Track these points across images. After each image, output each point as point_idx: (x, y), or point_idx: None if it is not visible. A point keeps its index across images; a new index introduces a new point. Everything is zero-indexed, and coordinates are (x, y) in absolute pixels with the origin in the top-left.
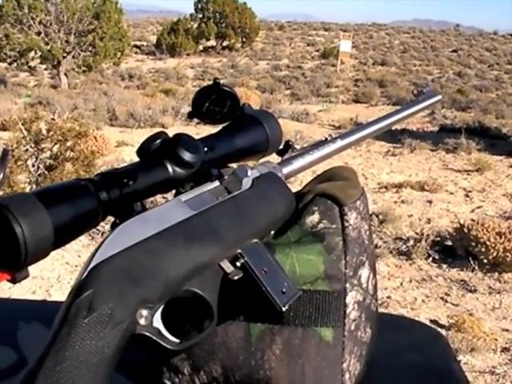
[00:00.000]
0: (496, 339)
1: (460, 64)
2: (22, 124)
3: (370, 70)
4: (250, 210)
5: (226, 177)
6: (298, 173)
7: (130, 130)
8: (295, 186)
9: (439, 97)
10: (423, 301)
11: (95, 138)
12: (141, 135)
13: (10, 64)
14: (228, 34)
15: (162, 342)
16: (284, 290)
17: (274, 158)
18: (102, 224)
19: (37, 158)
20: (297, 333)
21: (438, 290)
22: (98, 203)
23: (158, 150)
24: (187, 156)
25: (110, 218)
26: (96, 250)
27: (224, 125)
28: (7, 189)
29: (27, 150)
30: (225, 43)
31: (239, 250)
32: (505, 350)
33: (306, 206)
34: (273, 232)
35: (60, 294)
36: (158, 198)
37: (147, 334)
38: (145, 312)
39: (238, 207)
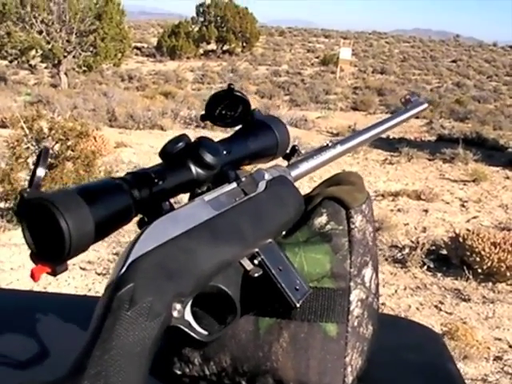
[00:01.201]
0: (489, 348)
1: (459, 74)
2: (24, 122)
3: (369, 78)
4: (266, 210)
5: (243, 179)
6: (304, 176)
7: (128, 131)
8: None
9: (426, 105)
10: (417, 308)
11: (94, 138)
12: (140, 137)
13: (10, 62)
14: (228, 39)
15: (193, 334)
16: (297, 287)
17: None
18: None
19: None
20: (303, 327)
21: (432, 298)
22: (132, 201)
23: (181, 152)
24: (209, 158)
25: None
26: (131, 247)
27: (236, 129)
28: (7, 185)
29: (28, 148)
30: (225, 47)
31: (256, 249)
32: (497, 358)
33: (314, 208)
34: (284, 233)
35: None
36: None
37: (180, 326)
38: (178, 305)
39: (255, 208)
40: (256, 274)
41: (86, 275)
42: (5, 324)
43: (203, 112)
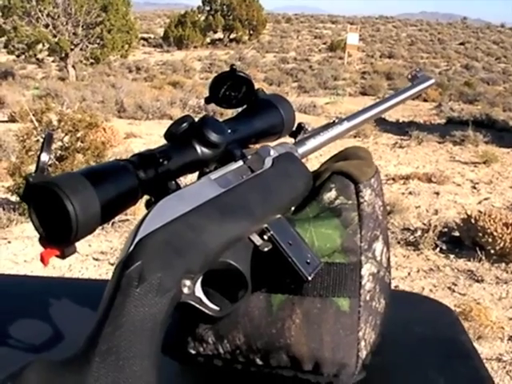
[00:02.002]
0: (503, 328)
1: (467, 57)
2: (33, 115)
3: (377, 63)
4: (273, 186)
5: (248, 156)
6: (311, 153)
7: (138, 121)
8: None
9: (433, 80)
10: (431, 290)
11: (104, 129)
12: (149, 127)
13: (17, 56)
14: (235, 27)
15: (204, 310)
16: (308, 260)
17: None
18: None
19: None
20: (315, 303)
21: (445, 279)
22: (138, 182)
23: (186, 132)
24: (214, 137)
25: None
26: (139, 226)
27: (241, 109)
28: (19, 179)
29: (38, 140)
30: (232, 36)
31: (265, 225)
32: (511, 338)
33: (323, 184)
34: (293, 208)
35: None
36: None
37: (191, 302)
38: (187, 282)
39: (263, 184)
40: (266, 249)
41: (99, 265)
42: (17, 309)
43: (207, 95)
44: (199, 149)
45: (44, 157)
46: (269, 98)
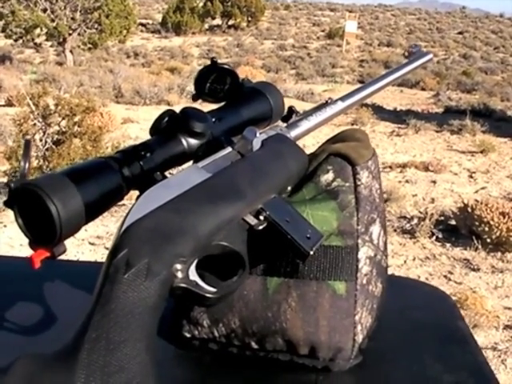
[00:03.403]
0: (498, 317)
1: (465, 46)
2: (30, 99)
3: (376, 51)
4: (263, 167)
5: (236, 141)
6: (306, 134)
7: (135, 107)
8: None
9: (430, 56)
10: (426, 278)
11: (101, 114)
12: (146, 112)
13: (15, 41)
14: (234, 13)
15: (200, 292)
16: (308, 235)
17: None
18: None
19: (44, 132)
20: (311, 286)
21: (441, 268)
22: (122, 178)
23: (169, 125)
24: (197, 126)
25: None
26: (126, 217)
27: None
28: (15, 162)
29: (35, 124)
30: (230, 22)
31: (260, 206)
32: (507, 327)
33: (320, 165)
34: (289, 189)
35: None
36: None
37: (185, 285)
38: (179, 266)
39: (252, 165)
40: (260, 227)
41: (95, 250)
42: (13, 292)
43: (194, 92)
44: (184, 140)
45: (24, 163)
46: (255, 86)
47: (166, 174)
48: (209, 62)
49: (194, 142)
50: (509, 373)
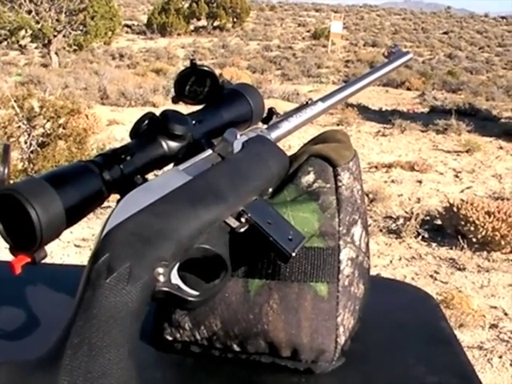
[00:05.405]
0: (484, 316)
1: (451, 46)
2: (15, 101)
3: (361, 51)
4: (244, 168)
5: (216, 143)
6: (286, 136)
7: (121, 108)
8: None
9: (410, 55)
10: (412, 278)
11: (86, 116)
12: (132, 114)
13: (0, 42)
14: (219, 14)
15: (182, 296)
16: (290, 237)
17: None
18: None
19: (29, 134)
20: (293, 288)
21: (427, 267)
22: (103, 182)
23: (149, 128)
24: (177, 128)
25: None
26: (106, 221)
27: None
28: None
29: (19, 126)
30: (216, 23)
31: (242, 208)
32: (493, 326)
33: (301, 167)
34: (270, 191)
35: None
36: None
37: (168, 289)
38: (161, 269)
39: (233, 167)
40: (242, 229)
41: (80, 252)
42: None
43: (173, 95)
44: (164, 142)
45: (2, 168)
46: (235, 87)
47: (147, 176)
48: (198, 63)
49: (174, 144)
50: (495, 372)
